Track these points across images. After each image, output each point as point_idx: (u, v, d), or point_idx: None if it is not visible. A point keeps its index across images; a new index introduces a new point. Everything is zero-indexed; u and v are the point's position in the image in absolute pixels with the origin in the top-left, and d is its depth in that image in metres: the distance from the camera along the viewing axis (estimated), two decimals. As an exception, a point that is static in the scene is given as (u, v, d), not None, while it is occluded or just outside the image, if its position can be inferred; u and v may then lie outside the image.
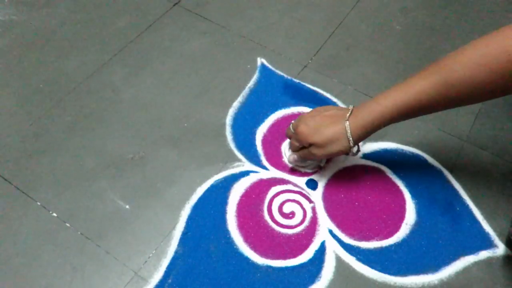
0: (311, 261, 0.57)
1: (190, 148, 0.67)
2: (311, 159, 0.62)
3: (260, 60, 0.78)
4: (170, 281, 0.55)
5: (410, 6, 0.87)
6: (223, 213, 0.61)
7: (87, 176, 0.64)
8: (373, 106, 0.53)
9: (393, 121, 0.54)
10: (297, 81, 0.75)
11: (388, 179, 0.64)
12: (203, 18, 0.84)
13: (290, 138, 0.63)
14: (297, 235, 0.59)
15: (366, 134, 0.55)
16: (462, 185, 0.63)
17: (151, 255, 0.57)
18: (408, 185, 0.63)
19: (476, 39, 0.49)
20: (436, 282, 0.56)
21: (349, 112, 0.55)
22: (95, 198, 0.62)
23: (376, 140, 0.68)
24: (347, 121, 0.54)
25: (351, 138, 0.54)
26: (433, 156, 0.66)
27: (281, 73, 0.76)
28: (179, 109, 0.72)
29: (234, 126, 0.69)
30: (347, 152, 0.56)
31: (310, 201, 0.62)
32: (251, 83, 0.75)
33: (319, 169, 0.65)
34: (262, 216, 0.61)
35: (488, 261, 0.57)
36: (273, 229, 0.60)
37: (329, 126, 0.55)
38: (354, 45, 0.80)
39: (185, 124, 0.70)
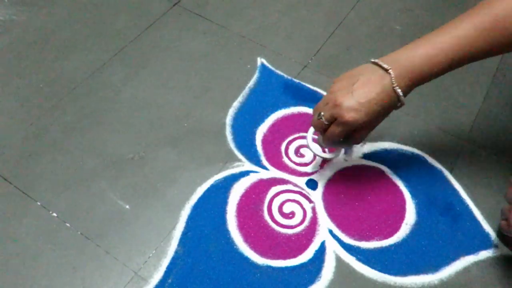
0: (311, 261, 0.57)
1: (190, 148, 0.67)
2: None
3: (260, 60, 0.78)
4: (170, 281, 0.55)
5: (410, 6, 0.87)
6: (223, 213, 0.61)
7: (87, 176, 0.64)
8: (418, 51, 0.50)
9: (443, 69, 0.50)
10: (297, 81, 0.75)
11: (388, 179, 0.64)
12: (203, 18, 0.84)
13: (320, 127, 0.55)
14: (297, 235, 0.59)
15: (414, 81, 0.50)
16: (462, 185, 0.63)
17: (151, 255, 0.57)
18: (408, 185, 0.63)
19: None
20: (436, 282, 0.56)
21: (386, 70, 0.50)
22: (95, 198, 0.62)
23: (376, 140, 0.68)
24: (390, 74, 0.50)
25: (399, 90, 0.50)
26: (433, 156, 0.66)
27: (281, 73, 0.76)
28: (179, 109, 0.72)
29: (234, 126, 0.69)
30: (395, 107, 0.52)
31: (310, 201, 0.62)
32: (251, 83, 0.75)
33: (319, 168, 0.65)
34: (262, 216, 0.61)
35: (488, 261, 0.57)
36: (273, 229, 0.60)
37: (378, 96, 0.50)
38: (354, 45, 0.80)
39: (185, 124, 0.70)
